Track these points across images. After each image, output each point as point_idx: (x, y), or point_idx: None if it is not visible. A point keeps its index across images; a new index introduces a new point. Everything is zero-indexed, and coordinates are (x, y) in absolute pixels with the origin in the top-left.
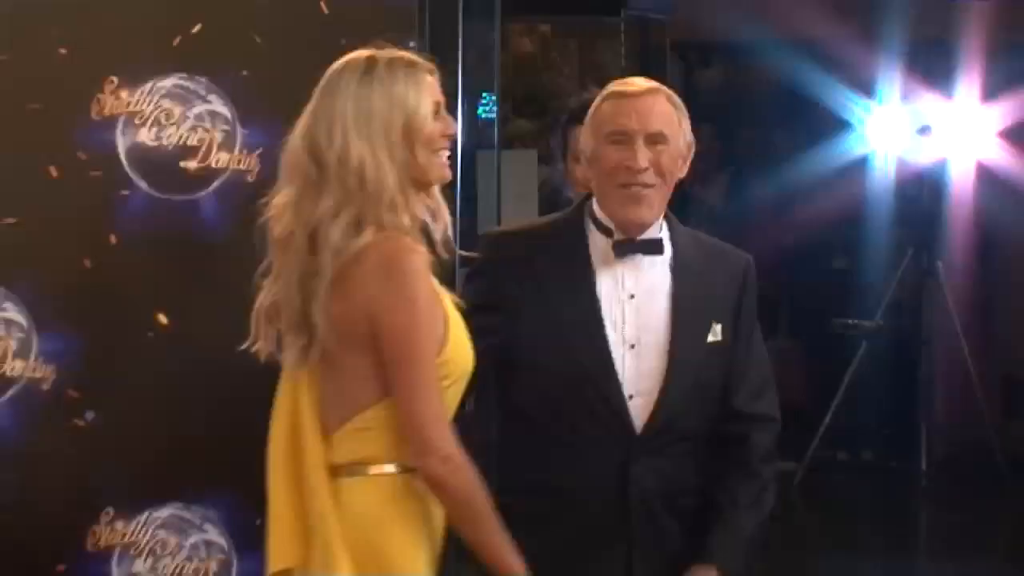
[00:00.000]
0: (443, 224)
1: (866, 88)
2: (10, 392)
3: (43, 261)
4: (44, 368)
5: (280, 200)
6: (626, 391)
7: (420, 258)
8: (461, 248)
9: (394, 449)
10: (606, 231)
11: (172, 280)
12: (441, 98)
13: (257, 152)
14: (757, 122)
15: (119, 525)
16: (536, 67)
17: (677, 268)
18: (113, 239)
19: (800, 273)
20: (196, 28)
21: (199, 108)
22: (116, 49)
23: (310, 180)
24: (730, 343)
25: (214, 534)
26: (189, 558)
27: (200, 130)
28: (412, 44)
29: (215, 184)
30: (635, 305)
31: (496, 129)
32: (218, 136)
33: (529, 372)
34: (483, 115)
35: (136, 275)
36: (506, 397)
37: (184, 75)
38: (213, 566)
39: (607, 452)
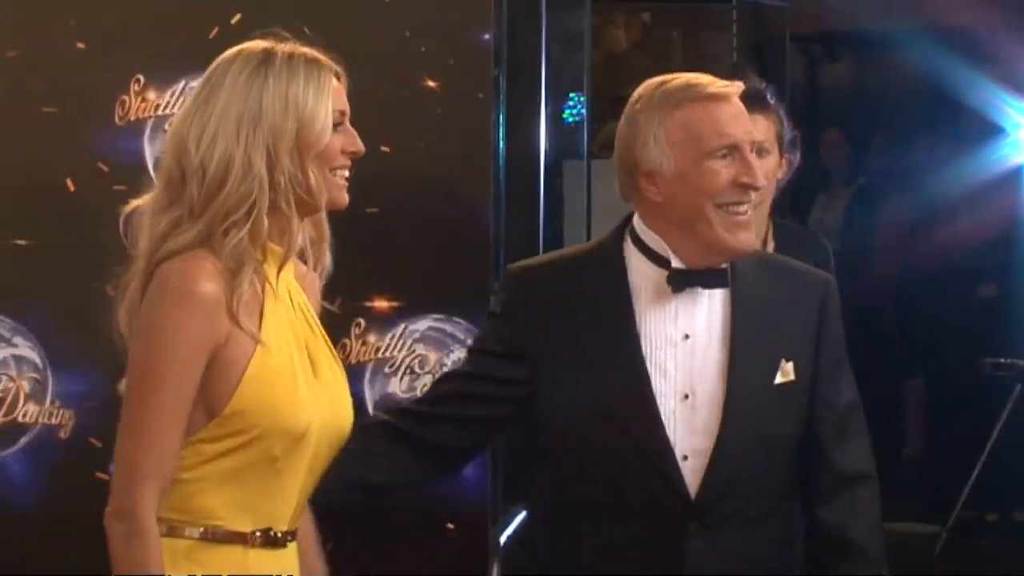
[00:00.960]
0: (322, 262)
1: (1021, 86)
2: (23, 441)
3: (59, 289)
4: (62, 413)
5: (141, 204)
6: (679, 451)
7: (197, 286)
8: None
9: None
10: (658, 259)
11: None
12: (347, 107)
13: None
14: (891, 126)
15: None
16: (633, 63)
17: (736, 298)
18: None
19: (941, 304)
20: (236, 19)
21: None
22: (143, 43)
23: (170, 187)
24: (808, 383)
25: None
26: None
27: None
28: (487, 37)
29: None
30: (689, 347)
31: (585, 135)
32: None
33: (563, 433)
34: (570, 119)
35: None
36: (543, 460)
37: None
38: None
39: (658, 526)
